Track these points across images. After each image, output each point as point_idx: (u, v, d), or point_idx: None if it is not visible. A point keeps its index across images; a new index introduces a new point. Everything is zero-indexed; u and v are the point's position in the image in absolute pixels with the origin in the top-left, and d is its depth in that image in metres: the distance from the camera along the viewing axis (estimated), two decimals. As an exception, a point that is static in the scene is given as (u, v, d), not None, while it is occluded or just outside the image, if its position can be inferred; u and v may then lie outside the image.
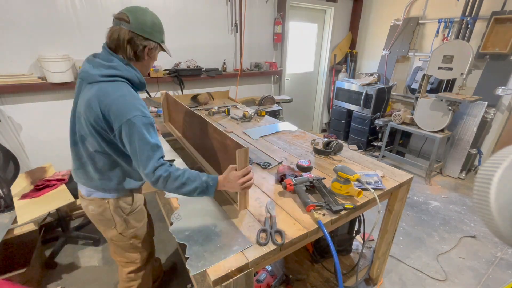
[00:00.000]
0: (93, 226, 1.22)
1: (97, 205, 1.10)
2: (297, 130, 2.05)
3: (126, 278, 1.31)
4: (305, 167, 1.33)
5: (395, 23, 3.67)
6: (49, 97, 2.27)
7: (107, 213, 1.11)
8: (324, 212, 1.03)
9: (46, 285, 1.75)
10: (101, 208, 1.10)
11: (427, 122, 2.99)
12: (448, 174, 3.24)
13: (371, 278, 1.65)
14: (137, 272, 1.31)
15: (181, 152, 1.65)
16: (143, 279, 1.34)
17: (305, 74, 4.30)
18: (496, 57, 2.85)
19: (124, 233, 1.17)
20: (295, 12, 3.69)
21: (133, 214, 1.17)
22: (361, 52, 4.31)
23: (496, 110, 2.94)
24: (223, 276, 0.77)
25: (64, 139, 2.45)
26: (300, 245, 0.98)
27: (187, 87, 2.91)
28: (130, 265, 1.29)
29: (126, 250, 1.24)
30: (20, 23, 2.02)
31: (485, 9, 2.86)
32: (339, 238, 1.64)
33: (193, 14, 2.76)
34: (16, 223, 1.56)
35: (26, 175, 2.04)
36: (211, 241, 0.90)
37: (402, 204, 1.40)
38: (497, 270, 1.89)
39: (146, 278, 1.37)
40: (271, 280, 1.47)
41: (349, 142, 4.04)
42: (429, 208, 2.60)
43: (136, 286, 1.33)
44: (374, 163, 1.49)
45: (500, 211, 0.48)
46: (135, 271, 1.30)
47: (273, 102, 3.22)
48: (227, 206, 1.11)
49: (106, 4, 2.30)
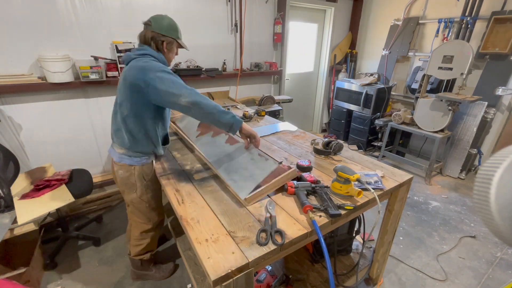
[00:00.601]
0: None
1: (125, 170, 1.41)
2: (297, 130, 2.06)
3: (138, 236, 1.61)
4: (305, 167, 1.33)
5: (395, 23, 3.67)
6: (49, 97, 2.27)
7: (132, 178, 1.42)
8: (320, 214, 1.03)
9: (46, 285, 1.75)
10: (128, 173, 1.41)
11: (427, 122, 2.99)
12: (448, 174, 3.24)
13: (371, 278, 1.65)
14: (147, 232, 1.61)
15: (181, 151, 1.66)
16: (151, 239, 1.65)
17: (305, 74, 4.30)
18: (496, 57, 2.85)
19: (142, 197, 1.48)
20: (295, 12, 3.69)
21: (151, 180, 1.47)
22: (361, 52, 4.31)
23: (496, 110, 2.94)
24: (223, 276, 0.77)
25: (64, 139, 2.48)
26: (300, 245, 0.98)
27: (187, 87, 2.91)
28: (144, 225, 1.58)
29: (142, 212, 1.54)
30: (20, 23, 2.02)
31: (485, 9, 2.86)
32: (339, 238, 1.64)
33: (193, 14, 2.76)
34: (16, 223, 1.56)
35: (26, 175, 2.04)
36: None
37: (402, 204, 1.40)
38: (497, 270, 1.89)
39: (154, 239, 1.68)
40: (271, 280, 1.47)
41: (349, 142, 4.04)
42: (429, 208, 2.60)
43: (145, 245, 1.63)
44: (374, 163, 1.49)
45: (500, 211, 0.48)
46: (146, 231, 1.60)
47: (273, 102, 3.22)
48: (226, 206, 1.11)
49: (106, 4, 2.30)
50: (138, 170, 1.41)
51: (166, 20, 1.35)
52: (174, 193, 1.21)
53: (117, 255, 2.00)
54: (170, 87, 1.18)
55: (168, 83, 1.18)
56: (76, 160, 2.52)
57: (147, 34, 1.32)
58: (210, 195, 1.19)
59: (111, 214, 2.46)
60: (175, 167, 1.46)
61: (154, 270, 1.79)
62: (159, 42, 1.33)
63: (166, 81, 1.18)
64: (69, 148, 2.48)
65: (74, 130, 2.45)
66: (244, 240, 0.90)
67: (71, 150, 2.50)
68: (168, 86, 1.18)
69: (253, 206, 1.10)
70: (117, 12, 2.37)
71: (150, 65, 1.22)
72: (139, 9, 2.46)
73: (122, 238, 2.15)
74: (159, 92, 1.19)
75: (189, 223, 1.00)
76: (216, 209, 1.09)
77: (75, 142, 2.49)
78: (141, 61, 1.24)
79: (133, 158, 1.39)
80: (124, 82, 1.26)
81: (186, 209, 1.08)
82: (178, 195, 1.19)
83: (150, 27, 1.32)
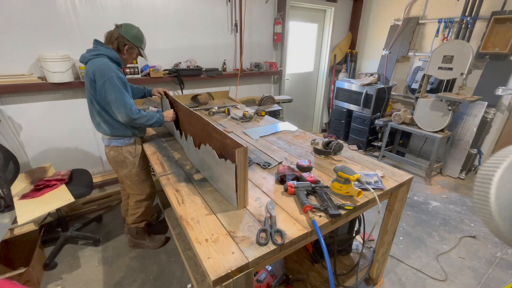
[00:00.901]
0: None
1: (114, 151, 1.68)
2: (297, 130, 2.05)
3: (134, 205, 1.89)
4: (305, 167, 1.34)
5: (395, 23, 3.67)
6: (49, 97, 2.27)
7: (121, 156, 1.69)
8: (320, 214, 1.03)
9: (46, 285, 1.75)
10: (117, 153, 1.68)
11: (427, 122, 2.99)
12: (448, 174, 3.24)
13: (371, 278, 1.65)
14: (141, 201, 1.89)
15: (181, 152, 1.66)
16: (146, 208, 1.92)
17: (305, 74, 4.30)
18: (496, 57, 2.85)
19: (132, 171, 1.75)
20: (295, 12, 3.69)
21: (136, 157, 1.74)
22: (361, 52, 4.31)
23: (496, 110, 2.94)
24: (223, 276, 0.77)
25: (64, 139, 2.48)
26: (300, 245, 0.98)
27: (187, 87, 2.91)
28: (138, 196, 1.86)
29: (135, 184, 1.81)
30: (20, 23, 2.02)
31: (485, 9, 2.86)
32: (339, 238, 1.64)
33: (193, 14, 2.76)
34: (16, 223, 1.56)
35: (26, 175, 2.04)
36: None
37: (402, 204, 1.40)
38: (497, 270, 1.89)
39: (147, 209, 1.95)
40: (271, 280, 1.47)
41: (349, 142, 4.04)
42: (429, 208, 2.60)
43: (140, 212, 1.91)
44: (374, 163, 1.49)
45: (500, 211, 0.48)
46: (140, 201, 1.88)
47: (273, 102, 3.22)
48: (226, 206, 1.11)
49: (106, 4, 2.30)
50: (125, 150, 1.68)
51: (135, 29, 1.58)
52: (174, 193, 1.21)
53: (117, 255, 2.00)
54: (121, 105, 1.45)
55: (120, 100, 1.45)
56: (76, 160, 2.52)
57: (114, 34, 1.52)
58: (210, 195, 1.19)
59: (111, 214, 2.46)
60: (175, 167, 1.46)
61: (148, 240, 2.04)
62: (121, 44, 1.54)
63: (120, 97, 1.45)
64: (69, 148, 2.48)
65: (74, 130, 2.45)
66: (244, 240, 0.90)
67: (71, 150, 2.50)
68: (119, 102, 1.45)
69: (253, 206, 1.10)
70: (117, 12, 2.37)
71: (105, 67, 1.42)
72: (139, 9, 2.46)
73: (122, 238, 2.15)
74: (109, 100, 1.45)
75: (189, 223, 1.00)
76: (216, 209, 1.09)
77: (75, 142, 2.49)
78: (97, 61, 1.43)
79: (118, 140, 1.65)
80: (86, 81, 1.49)
81: (186, 209, 1.08)
82: (178, 195, 1.19)
83: (119, 30, 1.52)
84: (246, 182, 1.05)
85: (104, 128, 1.60)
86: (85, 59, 1.48)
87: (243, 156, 0.96)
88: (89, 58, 1.46)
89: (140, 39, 1.60)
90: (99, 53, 1.46)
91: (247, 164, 0.99)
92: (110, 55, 1.49)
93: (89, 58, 1.46)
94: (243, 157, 0.96)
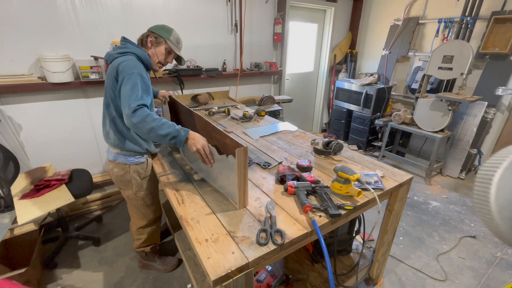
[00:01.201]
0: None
1: (120, 168, 1.45)
2: (297, 130, 2.05)
3: (136, 231, 1.70)
4: (305, 167, 1.34)
5: (395, 23, 3.67)
6: (49, 97, 2.27)
7: (127, 175, 1.46)
8: (320, 214, 1.03)
9: (46, 285, 1.75)
10: (123, 171, 1.45)
11: (427, 122, 2.99)
12: (448, 174, 3.24)
13: (371, 278, 1.65)
14: (144, 227, 1.67)
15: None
16: (149, 234, 1.71)
17: (305, 74, 4.30)
18: (496, 57, 2.85)
19: (137, 194, 1.53)
20: (295, 12, 3.69)
21: (145, 180, 1.52)
22: (361, 52, 4.31)
23: (496, 110, 2.94)
24: (223, 276, 0.77)
25: (64, 139, 2.48)
26: (300, 245, 0.98)
27: (187, 87, 2.91)
28: (139, 221, 1.65)
29: (137, 207, 1.59)
30: (20, 23, 2.02)
31: (485, 9, 2.86)
32: (339, 238, 1.64)
33: (193, 14, 2.76)
34: (16, 223, 1.56)
35: (26, 175, 2.04)
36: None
37: (402, 204, 1.40)
38: (497, 270, 1.89)
39: (153, 234, 1.74)
40: (271, 280, 1.47)
41: (349, 142, 4.04)
42: (429, 208, 2.60)
43: (143, 239, 1.71)
44: (374, 163, 1.49)
45: (500, 211, 0.48)
46: (143, 227, 1.67)
47: (273, 102, 3.22)
48: (226, 206, 1.11)
49: (106, 4, 2.30)
50: (132, 169, 1.46)
51: (164, 26, 1.43)
52: (174, 193, 1.21)
53: (117, 255, 2.00)
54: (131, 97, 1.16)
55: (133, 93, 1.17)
56: (76, 160, 2.52)
57: (146, 33, 1.42)
58: (210, 195, 1.19)
59: (111, 214, 2.46)
60: (175, 167, 1.46)
61: (158, 261, 1.85)
62: (144, 36, 1.40)
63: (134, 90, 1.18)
64: (69, 148, 2.48)
65: (74, 130, 2.45)
66: (244, 240, 0.90)
67: (71, 150, 2.50)
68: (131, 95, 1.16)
69: (253, 206, 1.10)
70: (117, 12, 2.37)
71: (130, 63, 1.25)
72: (139, 9, 2.46)
73: (122, 238, 2.15)
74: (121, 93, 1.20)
75: (189, 223, 1.00)
76: (216, 209, 1.09)
77: (75, 142, 2.49)
78: (122, 58, 1.28)
79: (128, 157, 1.43)
80: (107, 80, 1.30)
81: (186, 209, 1.08)
82: (178, 195, 1.19)
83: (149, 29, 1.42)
84: (246, 182, 1.05)
85: (114, 139, 1.39)
86: (111, 57, 1.32)
87: (243, 156, 0.96)
88: (115, 57, 1.30)
89: (168, 30, 1.41)
90: (127, 51, 1.31)
91: (247, 164, 0.99)
92: (138, 53, 1.34)
93: (115, 57, 1.30)
94: (243, 157, 0.97)
